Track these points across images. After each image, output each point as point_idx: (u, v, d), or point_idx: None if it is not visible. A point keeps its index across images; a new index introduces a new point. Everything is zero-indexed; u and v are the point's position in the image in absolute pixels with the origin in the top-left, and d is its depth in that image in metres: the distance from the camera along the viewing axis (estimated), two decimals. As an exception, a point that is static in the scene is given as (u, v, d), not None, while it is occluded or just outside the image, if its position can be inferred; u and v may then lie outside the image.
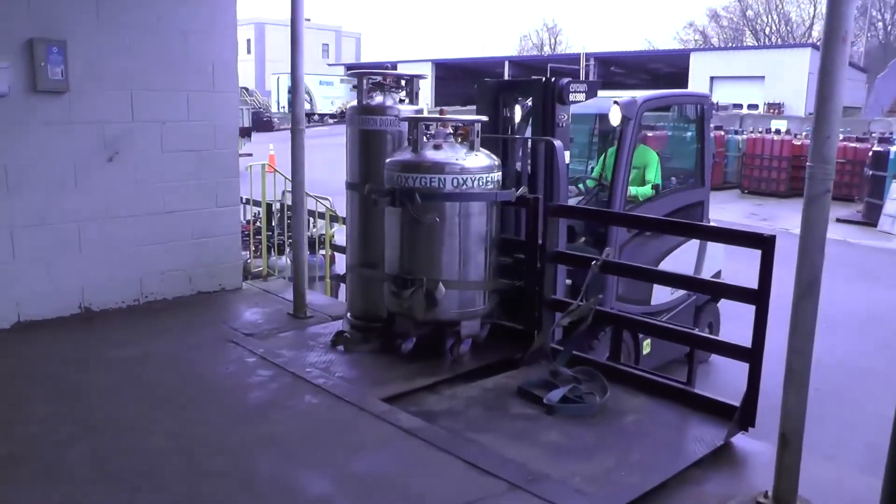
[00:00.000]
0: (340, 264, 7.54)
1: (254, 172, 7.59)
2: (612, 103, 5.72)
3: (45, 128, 4.93)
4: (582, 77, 42.78)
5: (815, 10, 59.51)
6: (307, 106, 51.13)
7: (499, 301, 4.51)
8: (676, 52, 49.68)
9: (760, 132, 21.90)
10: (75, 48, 4.96)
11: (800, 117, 29.32)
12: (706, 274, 6.86)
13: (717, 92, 35.54)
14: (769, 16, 61.80)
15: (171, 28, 5.43)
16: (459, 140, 4.35)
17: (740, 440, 3.46)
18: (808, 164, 2.76)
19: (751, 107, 34.56)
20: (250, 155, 21.62)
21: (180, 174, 5.62)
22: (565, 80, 5.23)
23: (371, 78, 4.88)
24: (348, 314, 5.10)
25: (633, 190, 6.20)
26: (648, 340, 6.31)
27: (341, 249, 7.27)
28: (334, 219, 7.39)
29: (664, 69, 46.65)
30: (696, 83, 37.56)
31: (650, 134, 7.83)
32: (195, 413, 3.73)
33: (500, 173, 4.45)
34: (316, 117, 50.96)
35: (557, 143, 5.08)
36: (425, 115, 4.69)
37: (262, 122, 36.76)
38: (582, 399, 3.56)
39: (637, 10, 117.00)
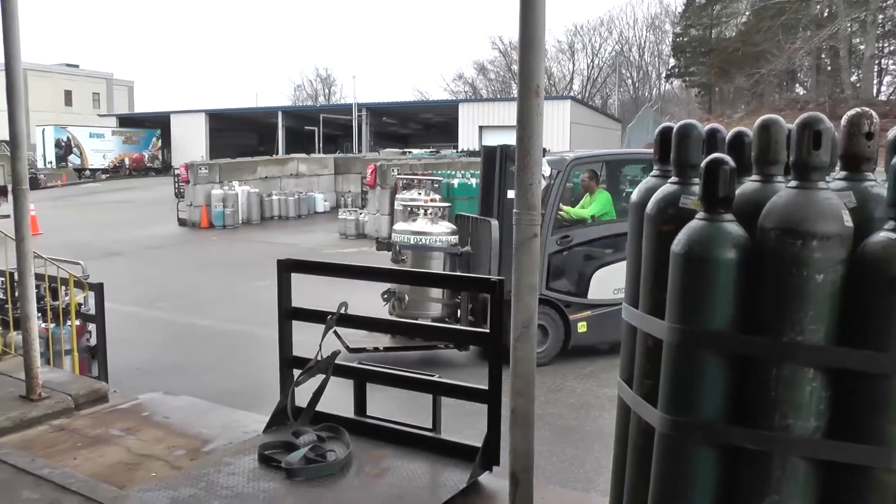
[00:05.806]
0: (93, 335, 6.85)
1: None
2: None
3: None
4: (354, 127, 43.46)
5: (573, 67, 65.39)
6: (77, 160, 47.35)
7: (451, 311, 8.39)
8: (446, 103, 51.58)
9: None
10: None
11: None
12: None
13: (486, 139, 37.28)
14: (533, 70, 66.41)
15: None
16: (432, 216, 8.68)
17: (489, 480, 3.47)
18: (514, 211, 2.88)
19: (519, 152, 36.56)
20: (7, 217, 19.42)
21: None
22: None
23: (406, 180, 10.06)
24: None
25: (564, 210, 8.42)
26: (584, 322, 7.87)
27: (91, 318, 6.66)
28: (81, 286, 6.71)
29: (435, 119, 48.41)
30: (466, 131, 39.27)
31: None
32: None
33: (455, 237, 8.54)
34: (87, 173, 47.03)
35: (494, 222, 7.85)
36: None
37: (24, 179, 33.42)
38: (324, 458, 3.46)
39: (408, 62, 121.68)
